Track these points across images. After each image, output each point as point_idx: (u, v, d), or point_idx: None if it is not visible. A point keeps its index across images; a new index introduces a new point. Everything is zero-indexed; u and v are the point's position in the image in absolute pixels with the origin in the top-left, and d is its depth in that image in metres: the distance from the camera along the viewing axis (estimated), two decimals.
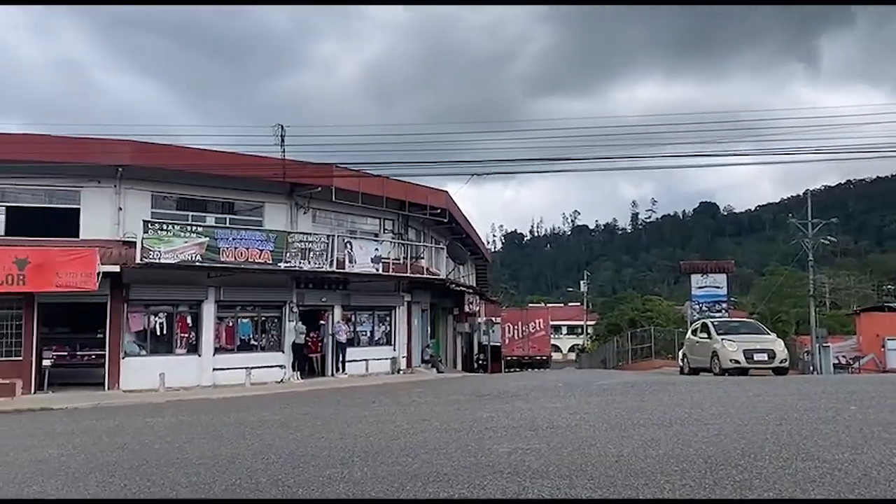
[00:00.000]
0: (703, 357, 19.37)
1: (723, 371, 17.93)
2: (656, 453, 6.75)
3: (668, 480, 5.55)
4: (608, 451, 7.05)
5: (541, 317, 48.07)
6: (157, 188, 20.17)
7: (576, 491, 5.49)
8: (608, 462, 6.50)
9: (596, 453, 7.01)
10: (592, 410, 10.77)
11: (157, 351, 19.74)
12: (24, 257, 17.04)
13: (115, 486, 6.53)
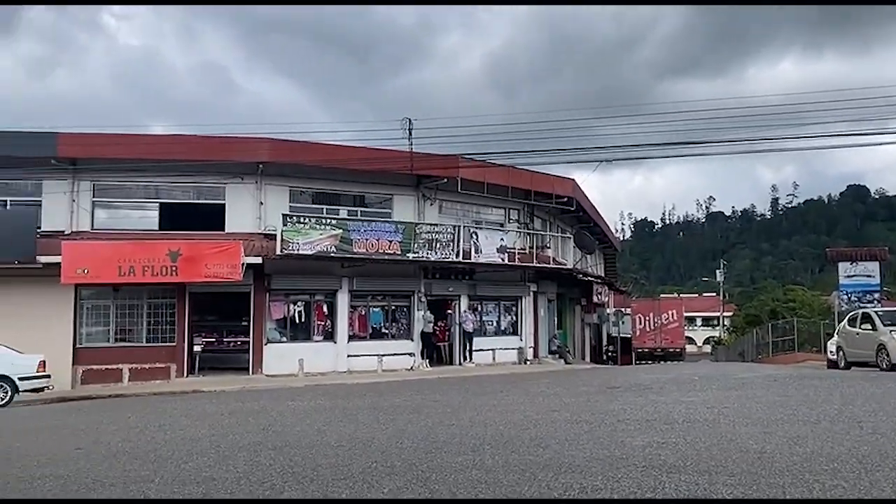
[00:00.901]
0: (866, 350, 17.87)
1: (892, 366, 16.44)
2: (803, 451, 6.35)
3: (818, 480, 5.21)
4: (749, 447, 6.71)
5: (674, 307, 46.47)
6: (295, 183, 21.14)
7: (716, 488, 5.27)
8: (750, 459, 6.19)
9: (736, 449, 6.69)
10: (731, 405, 10.29)
11: (296, 338, 20.74)
12: (177, 250, 18.38)
13: (260, 464, 6.91)
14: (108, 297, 19.32)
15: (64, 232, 19.23)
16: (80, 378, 18.77)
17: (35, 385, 16.08)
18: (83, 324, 19.25)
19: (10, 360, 15.84)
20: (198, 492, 5.80)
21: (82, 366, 18.89)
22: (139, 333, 19.56)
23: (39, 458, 7.71)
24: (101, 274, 18.02)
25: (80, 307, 19.18)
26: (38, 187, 19.67)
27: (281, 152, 20.13)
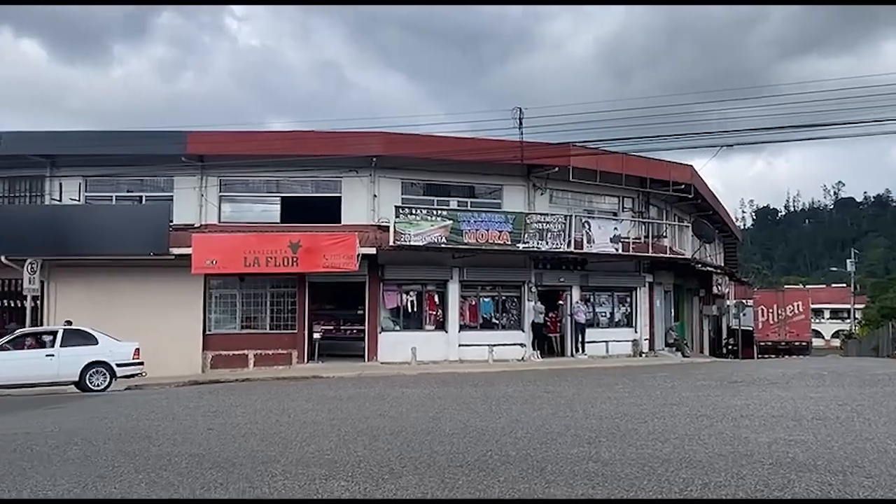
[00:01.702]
0: None
1: None
2: None
3: None
4: (888, 448, 6.30)
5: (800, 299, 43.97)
6: (406, 175, 21.52)
7: (851, 489, 4.97)
8: (889, 459, 5.81)
9: (873, 448, 6.30)
10: (866, 402, 9.67)
11: (408, 327, 21.16)
12: (297, 241, 19.15)
13: (379, 449, 7.11)
14: (235, 287, 20.40)
15: (194, 225, 20.43)
16: (210, 363, 19.94)
17: (130, 371, 16.88)
18: (212, 311, 20.42)
19: (110, 347, 16.70)
20: (320, 473, 6.03)
21: (211, 351, 20.05)
22: (263, 321, 20.55)
23: (176, 437, 8.24)
24: (228, 265, 19.06)
25: (209, 296, 20.35)
26: (169, 183, 20.99)
27: (393, 145, 20.53)
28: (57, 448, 7.59)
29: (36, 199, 20.91)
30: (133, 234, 18.69)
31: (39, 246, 18.32)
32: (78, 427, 9.24)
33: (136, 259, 18.96)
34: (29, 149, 19.98)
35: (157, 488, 5.61)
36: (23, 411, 11.71)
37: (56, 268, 19.48)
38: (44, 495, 5.46)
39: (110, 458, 6.93)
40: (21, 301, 18.48)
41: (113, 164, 20.36)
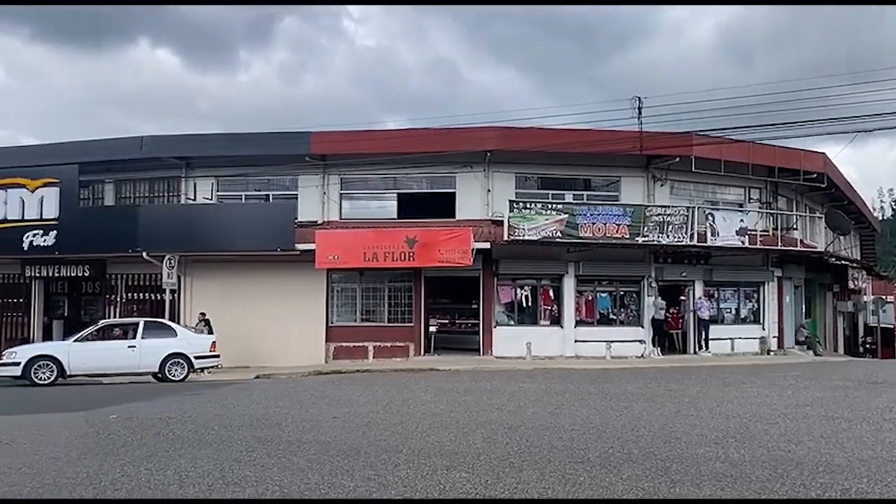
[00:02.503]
0: None
1: None
2: None
3: None
4: None
5: None
6: (520, 169, 21.43)
7: None
8: None
9: None
10: None
11: (523, 322, 21.07)
12: (413, 237, 19.50)
13: (498, 442, 7.14)
14: (355, 281, 21.02)
15: (316, 222, 21.21)
16: (332, 354, 20.65)
17: (207, 364, 17.51)
18: (334, 304, 21.13)
19: (188, 340, 17.38)
20: (441, 464, 6.13)
21: (333, 342, 20.76)
22: (381, 314, 21.07)
23: (304, 424, 8.61)
24: (348, 259, 19.67)
25: (331, 289, 21.07)
26: (294, 182, 21.89)
27: (507, 140, 20.49)
28: (195, 432, 8.10)
29: (173, 199, 22.35)
30: (261, 231, 19.62)
31: (177, 243, 19.57)
32: (214, 413, 9.83)
33: (263, 254, 19.88)
34: (167, 151, 21.37)
35: (288, 473, 5.87)
36: (163, 397, 12.56)
37: (191, 263, 20.74)
38: (186, 476, 5.84)
39: (244, 443, 7.33)
40: (161, 294, 19.81)
41: (242, 164, 21.47)
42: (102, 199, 22.89)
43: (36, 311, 22.38)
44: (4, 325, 22.43)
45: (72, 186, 20.39)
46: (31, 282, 22.04)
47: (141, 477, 5.82)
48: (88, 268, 21.04)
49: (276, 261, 20.12)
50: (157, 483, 5.61)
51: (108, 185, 22.79)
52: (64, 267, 21.09)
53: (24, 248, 20.22)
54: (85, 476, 5.85)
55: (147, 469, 6.10)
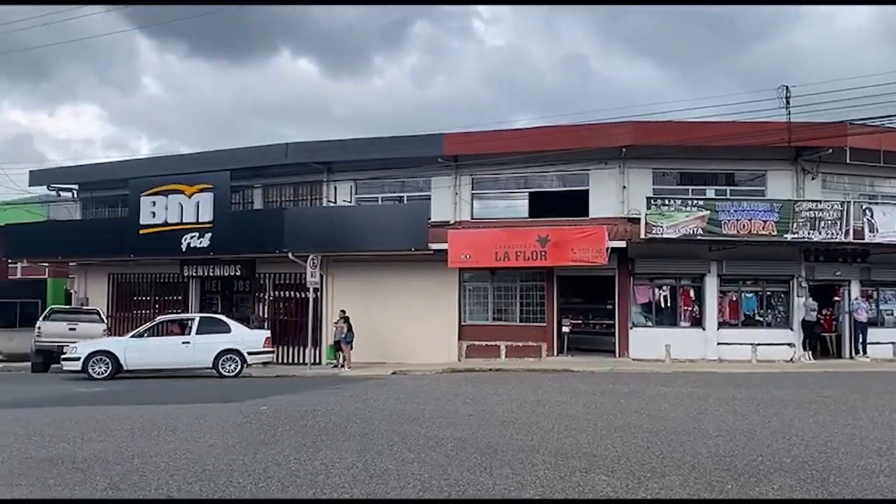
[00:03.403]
0: None
1: None
2: None
3: None
4: None
5: None
6: (657, 165, 20.73)
7: None
8: None
9: None
10: None
11: (661, 322, 20.38)
12: (545, 235, 19.35)
13: (638, 446, 6.95)
14: (487, 280, 21.15)
15: (449, 222, 21.52)
16: (465, 352, 20.88)
17: (260, 360, 18.01)
18: (466, 303, 21.37)
19: (242, 336, 17.90)
20: (579, 466, 6.04)
21: (466, 341, 20.99)
22: (513, 313, 21.06)
23: (440, 420, 8.76)
24: (480, 259, 19.82)
25: (464, 288, 21.31)
26: (427, 183, 22.33)
27: (643, 134, 19.88)
28: (339, 425, 8.44)
29: (315, 202, 23.41)
30: (396, 231, 20.15)
31: (319, 243, 20.48)
32: (355, 407, 10.20)
33: (399, 254, 20.41)
34: (309, 157, 22.41)
35: (428, 468, 5.99)
36: (307, 391, 13.19)
37: (332, 263, 21.63)
38: (332, 467, 6.09)
39: (385, 436, 7.55)
40: (305, 292, 20.79)
41: (378, 167, 22.15)
42: (252, 203, 24.33)
43: (192, 307, 24.13)
44: None
45: (224, 192, 21.81)
46: (188, 280, 23.80)
47: (291, 466, 6.14)
48: (240, 267, 22.45)
49: (411, 260, 20.59)
50: (305, 473, 5.88)
51: (257, 189, 24.21)
52: (217, 267, 22.62)
53: (182, 249, 21.85)
54: (240, 463, 6.24)
55: (296, 459, 6.42)
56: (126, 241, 22.51)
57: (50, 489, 5.40)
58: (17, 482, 5.64)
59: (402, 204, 22.44)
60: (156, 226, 22.14)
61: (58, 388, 15.11)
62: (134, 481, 5.63)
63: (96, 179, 26.06)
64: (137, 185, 22.72)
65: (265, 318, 22.50)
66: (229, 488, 5.38)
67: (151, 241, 22.15)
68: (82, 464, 6.28)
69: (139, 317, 23.23)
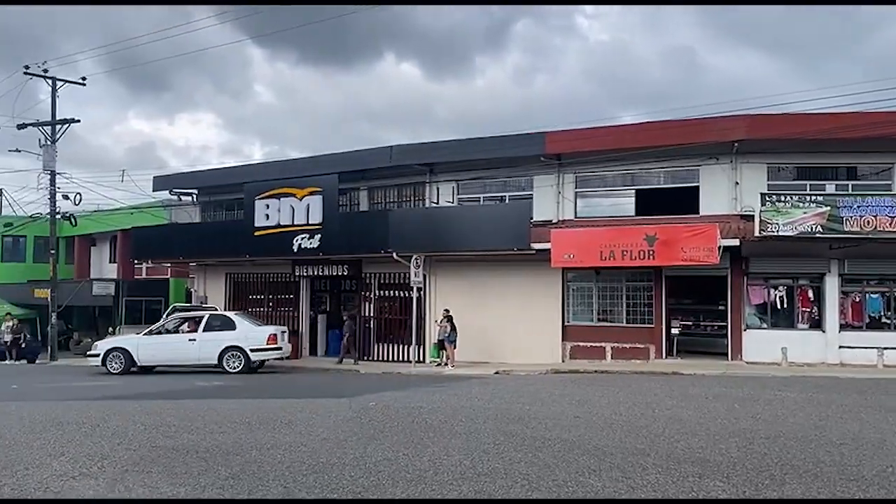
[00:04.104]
0: None
1: None
2: None
3: None
4: None
5: None
6: (772, 159, 19.77)
7: None
8: None
9: None
10: None
11: (777, 324, 19.44)
12: (653, 234, 18.84)
13: (755, 452, 6.67)
14: (591, 280, 20.81)
15: (551, 221, 21.31)
16: (569, 353, 20.63)
17: (265, 356, 18.23)
18: (570, 304, 21.10)
19: (246, 333, 18.21)
20: (693, 471, 5.86)
21: (570, 342, 20.73)
22: (619, 314, 20.62)
23: (546, 421, 8.70)
24: (584, 258, 19.52)
25: (567, 288, 21.05)
26: (529, 182, 22.19)
27: (757, 128, 19.00)
28: (445, 423, 8.54)
29: (418, 203, 23.76)
30: (498, 231, 20.15)
31: (422, 243, 20.77)
32: (461, 406, 10.29)
33: (501, 254, 20.41)
34: (413, 159, 22.76)
35: (536, 468, 5.97)
36: (413, 388, 13.41)
37: (435, 263, 21.89)
38: (440, 464, 6.17)
39: (491, 435, 7.58)
40: (409, 292, 21.14)
41: (480, 167, 22.23)
42: (358, 204, 24.97)
43: (303, 306, 25.04)
44: (278, 318, 25.31)
45: (332, 194, 22.49)
46: (299, 280, 24.71)
47: (400, 461, 6.26)
48: (347, 267, 23.08)
49: (513, 260, 20.55)
50: (413, 469, 5.99)
51: (363, 191, 24.82)
52: (326, 267, 23.35)
53: (294, 250, 22.68)
54: (352, 458, 6.42)
55: (405, 455, 6.54)
56: (242, 243, 23.61)
57: (177, 477, 5.73)
58: (147, 469, 6.02)
59: (504, 203, 22.40)
60: (269, 228, 23.10)
61: (180, 381, 16.00)
62: (252, 472, 5.90)
63: (214, 184, 27.49)
64: (252, 189, 23.78)
65: (355, 315, 23.18)
66: (342, 481, 5.55)
67: (265, 242, 23.13)
68: (205, 454, 6.63)
69: (255, 314, 24.28)
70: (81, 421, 8.71)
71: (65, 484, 5.49)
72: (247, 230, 23.52)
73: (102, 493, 5.23)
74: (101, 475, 5.78)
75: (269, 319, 25.28)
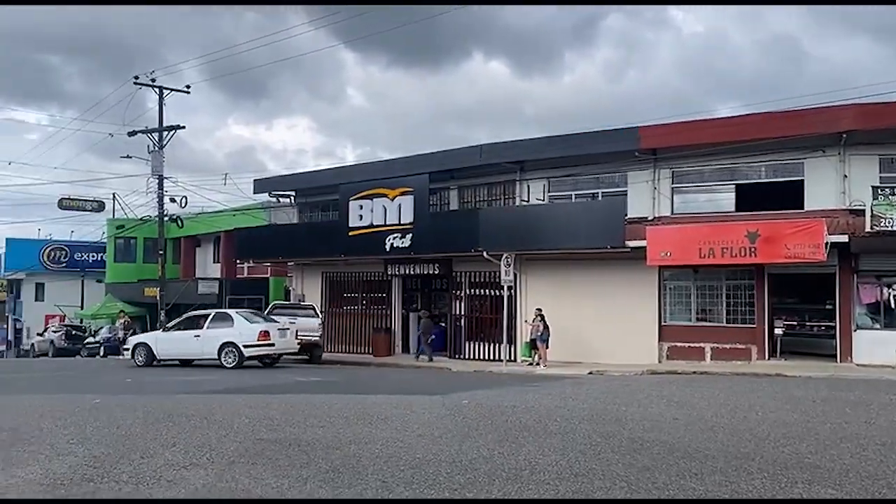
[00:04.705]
0: None
1: None
2: None
3: None
4: None
5: None
6: (885, 151, 18.59)
7: None
8: None
9: None
10: None
11: (891, 325, 18.25)
12: (755, 230, 18.08)
13: (869, 459, 6.31)
14: (689, 278, 20.18)
15: (647, 218, 20.79)
16: (666, 354, 20.08)
17: (256, 352, 18.52)
18: (666, 303, 20.53)
19: (240, 329, 18.60)
20: (802, 477, 5.61)
21: (667, 342, 20.17)
22: (718, 314, 19.88)
23: (644, 423, 8.51)
24: (682, 256, 18.94)
25: (664, 287, 20.47)
26: (623, 179, 21.72)
27: (867, 118, 17.92)
28: (539, 422, 8.48)
29: (508, 201, 23.70)
30: (590, 229, 19.83)
31: (512, 242, 20.70)
32: (555, 406, 10.20)
33: (593, 252, 20.09)
34: (503, 157, 22.71)
35: (634, 470, 5.86)
36: (505, 387, 13.40)
37: (526, 261, 21.77)
38: (536, 463, 6.14)
39: (586, 436, 7.48)
40: (499, 290, 21.12)
41: (571, 164, 21.96)
42: (448, 204, 25.15)
43: (396, 304, 25.43)
44: (371, 317, 25.82)
45: (423, 194, 22.74)
46: (391, 279, 25.12)
47: (495, 459, 6.27)
48: (437, 266, 23.28)
49: (606, 258, 20.21)
50: (509, 467, 5.98)
51: (453, 191, 24.98)
52: (418, 266, 23.63)
53: (386, 249, 23.08)
54: (447, 454, 6.47)
55: (500, 453, 6.54)
56: (337, 243, 24.22)
57: (281, 469, 5.94)
58: (252, 461, 6.26)
59: (596, 200, 22.01)
60: (362, 228, 23.60)
61: (278, 376, 16.56)
62: (352, 465, 6.03)
63: (310, 186, 28.32)
64: (346, 191, 24.36)
65: (432, 315, 23.61)
66: (438, 478, 5.61)
67: (359, 242, 23.65)
68: (306, 447, 6.84)
69: (349, 312, 24.84)
70: (190, 413, 9.15)
71: (177, 473, 5.77)
72: (341, 230, 24.11)
73: (211, 483, 5.47)
74: (210, 466, 6.05)
75: (362, 318, 25.87)
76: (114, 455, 6.45)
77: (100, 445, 6.93)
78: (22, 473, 5.76)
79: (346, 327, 26.38)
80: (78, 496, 5.13)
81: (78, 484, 5.39)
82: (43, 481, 5.50)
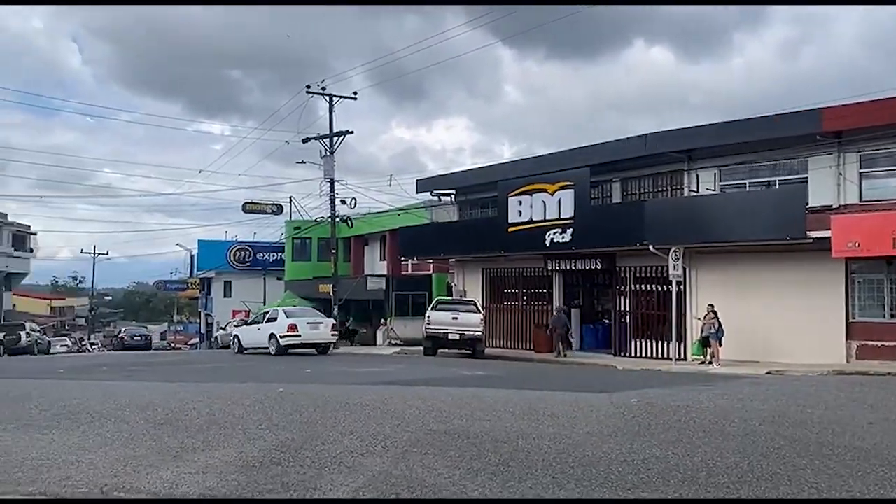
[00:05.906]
0: None
1: None
2: None
3: None
4: None
5: None
6: None
7: None
8: None
9: None
10: None
11: None
12: None
13: None
14: (881, 271, 18.32)
15: (831, 206, 19.12)
16: (855, 353, 18.40)
17: (287, 342, 21.92)
18: (855, 298, 18.80)
19: (279, 323, 22.23)
20: None
21: (856, 340, 18.46)
22: None
23: (832, 426, 7.87)
24: (872, 247, 17.23)
25: (851, 281, 18.76)
26: (803, 165, 20.09)
27: None
28: (715, 423, 8.08)
29: (675, 192, 22.74)
30: (766, 220, 18.59)
31: (680, 235, 19.84)
32: (731, 406, 9.67)
33: (770, 244, 18.84)
34: (670, 146, 21.79)
35: (825, 476, 5.42)
36: (676, 386, 12.89)
37: (695, 255, 20.80)
38: (714, 465, 5.84)
39: (768, 438, 7.02)
40: (667, 286, 20.34)
41: (744, 151, 20.69)
42: (610, 197, 24.57)
43: (556, 300, 25.21)
44: (532, 313, 25.80)
45: (584, 187, 22.37)
46: (551, 275, 24.95)
47: (669, 460, 6.03)
48: (600, 261, 22.83)
49: (783, 250, 18.92)
50: (685, 468, 5.74)
51: (615, 183, 24.37)
52: (579, 261, 23.30)
53: (546, 244, 22.96)
54: (619, 453, 6.32)
55: (674, 454, 6.29)
56: (496, 239, 24.43)
57: (451, 460, 6.06)
58: (424, 451, 6.44)
59: (773, 189, 20.60)
60: (521, 223, 23.63)
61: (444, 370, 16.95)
62: (521, 460, 6.04)
63: (469, 184, 28.75)
64: (504, 187, 24.49)
65: (562, 308, 23.82)
66: (609, 476, 5.48)
67: (518, 237, 23.71)
68: (475, 439, 6.93)
69: (509, 308, 24.94)
70: (365, 403, 9.57)
71: (356, 460, 6.05)
72: (500, 226, 24.27)
73: (387, 471, 5.68)
74: (385, 454, 6.29)
75: (522, 313, 25.91)
76: (298, 440, 6.87)
77: (285, 431, 7.42)
78: (219, 455, 6.28)
79: (506, 323, 26.55)
80: (268, 478, 5.51)
81: (267, 467, 5.79)
82: (237, 462, 5.96)
